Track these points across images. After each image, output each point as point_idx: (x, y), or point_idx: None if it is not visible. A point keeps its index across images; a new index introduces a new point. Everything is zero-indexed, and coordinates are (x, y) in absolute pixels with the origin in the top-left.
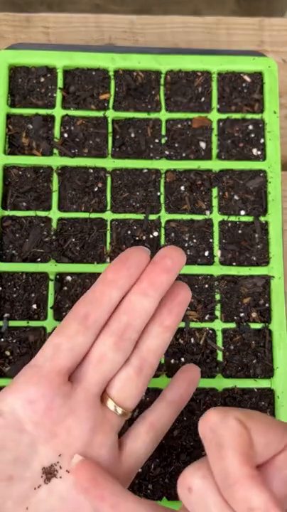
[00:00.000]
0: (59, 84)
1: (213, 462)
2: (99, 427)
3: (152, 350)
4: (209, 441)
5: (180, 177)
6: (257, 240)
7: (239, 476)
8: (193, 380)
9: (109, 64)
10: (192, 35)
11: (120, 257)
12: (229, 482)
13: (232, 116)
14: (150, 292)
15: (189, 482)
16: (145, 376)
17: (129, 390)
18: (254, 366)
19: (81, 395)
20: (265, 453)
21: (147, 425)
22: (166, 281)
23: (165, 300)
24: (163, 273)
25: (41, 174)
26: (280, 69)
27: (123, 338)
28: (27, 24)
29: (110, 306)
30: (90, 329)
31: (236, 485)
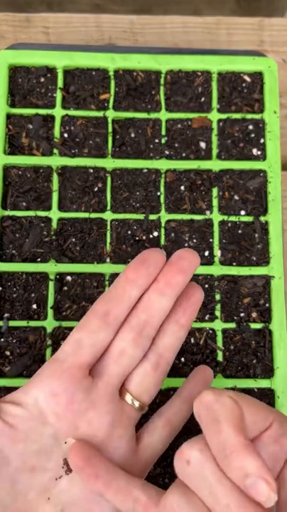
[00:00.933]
0: (59, 84)
1: (210, 436)
2: (118, 420)
3: (168, 347)
4: (205, 417)
5: (180, 177)
6: (257, 240)
7: (235, 445)
8: (207, 380)
9: (109, 64)
10: (192, 35)
11: (139, 258)
12: (226, 452)
13: (232, 116)
14: (167, 291)
15: (187, 455)
16: (162, 372)
17: (147, 385)
18: (254, 366)
19: (101, 389)
20: (253, 429)
21: (164, 420)
22: (182, 282)
23: (181, 300)
24: (179, 273)
25: (41, 174)
26: (280, 69)
27: (141, 335)
28: (27, 24)
29: (129, 304)
30: (111, 325)
31: (233, 454)
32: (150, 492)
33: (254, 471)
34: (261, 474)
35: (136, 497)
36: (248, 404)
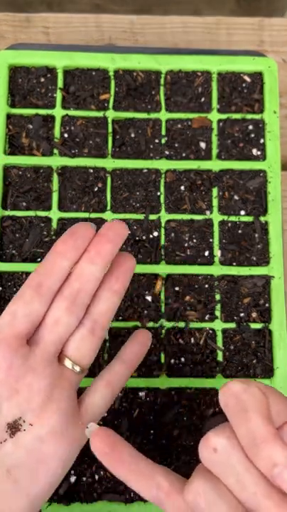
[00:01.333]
0: (59, 84)
1: (238, 425)
2: (58, 383)
3: (102, 312)
4: (233, 407)
5: (180, 177)
6: (257, 240)
7: (264, 435)
8: (144, 342)
9: (109, 64)
10: (192, 35)
11: (67, 232)
12: (256, 441)
13: (232, 117)
14: (97, 260)
15: (214, 443)
16: (98, 336)
17: (84, 349)
18: (254, 366)
19: (38, 355)
20: (277, 420)
21: (104, 381)
22: (111, 251)
23: (112, 269)
24: (107, 243)
25: (41, 174)
26: (280, 69)
27: (75, 303)
28: (27, 24)
29: (61, 275)
30: (44, 296)
31: (262, 443)
32: (172, 478)
33: (282, 460)
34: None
35: (158, 483)
36: (273, 395)
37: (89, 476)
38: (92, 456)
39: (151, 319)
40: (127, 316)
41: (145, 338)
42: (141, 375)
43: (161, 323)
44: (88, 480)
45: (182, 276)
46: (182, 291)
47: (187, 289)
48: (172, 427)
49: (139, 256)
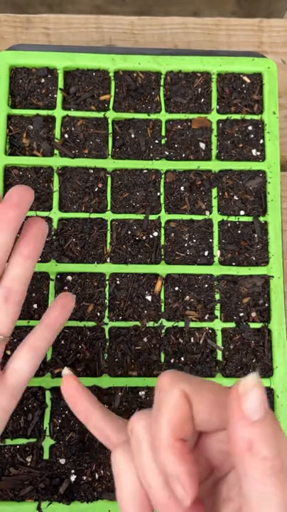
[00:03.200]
0: (59, 85)
1: (153, 418)
2: None
3: (16, 278)
4: (156, 399)
5: (180, 177)
6: (256, 240)
7: (162, 442)
8: (66, 305)
9: (109, 65)
10: (191, 36)
11: None
12: (155, 443)
13: (232, 117)
14: (3, 227)
15: (132, 425)
16: (14, 302)
17: (1, 317)
18: (254, 365)
19: None
20: (207, 427)
21: (27, 346)
22: (16, 216)
23: (22, 234)
24: (11, 208)
25: (42, 174)
26: (280, 70)
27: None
28: (27, 25)
29: None
30: None
31: (158, 449)
32: (120, 435)
33: (173, 474)
34: (179, 479)
35: (107, 436)
36: (205, 402)
37: (89, 475)
38: (92, 455)
39: (151, 319)
40: (127, 315)
41: (67, 301)
42: (141, 375)
43: (161, 322)
44: (88, 479)
45: (182, 276)
46: (182, 291)
47: (187, 289)
48: None
49: (139, 256)
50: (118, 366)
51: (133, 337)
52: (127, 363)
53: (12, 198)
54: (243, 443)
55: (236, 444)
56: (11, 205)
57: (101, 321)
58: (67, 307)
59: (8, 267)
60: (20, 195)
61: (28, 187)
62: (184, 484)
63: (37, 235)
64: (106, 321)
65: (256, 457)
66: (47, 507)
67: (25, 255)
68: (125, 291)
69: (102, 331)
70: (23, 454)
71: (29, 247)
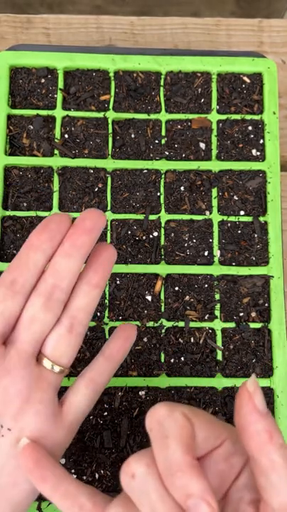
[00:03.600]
0: (59, 85)
1: (157, 451)
2: (36, 385)
3: (81, 308)
4: (156, 432)
5: (180, 177)
6: (256, 240)
7: (180, 464)
8: (128, 337)
9: (109, 65)
10: (191, 37)
11: (41, 223)
12: (172, 470)
13: (232, 117)
14: (73, 253)
15: (133, 469)
16: (77, 333)
17: (63, 348)
18: (254, 365)
19: (14, 356)
20: (204, 447)
21: (86, 380)
22: (87, 242)
23: (91, 261)
24: (83, 234)
25: (42, 175)
26: (280, 70)
27: (51, 299)
28: (28, 25)
29: (36, 270)
30: (18, 293)
31: (178, 472)
32: (96, 500)
33: (197, 493)
34: (204, 496)
35: (81, 504)
36: (201, 420)
37: (89, 474)
38: (92, 455)
39: (151, 319)
40: (127, 316)
41: (129, 333)
42: (141, 375)
43: (161, 322)
44: (88, 479)
45: (182, 276)
46: (181, 291)
47: (187, 289)
48: None
49: (139, 256)
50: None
51: None
52: (127, 363)
53: (85, 223)
54: (264, 434)
55: (257, 437)
56: (83, 231)
57: (101, 321)
58: (130, 339)
59: (74, 296)
60: (93, 221)
61: (101, 212)
62: (210, 501)
63: (106, 262)
64: (106, 321)
65: (275, 446)
66: (47, 507)
67: (93, 284)
68: (125, 291)
69: (102, 331)
70: None
71: (97, 276)
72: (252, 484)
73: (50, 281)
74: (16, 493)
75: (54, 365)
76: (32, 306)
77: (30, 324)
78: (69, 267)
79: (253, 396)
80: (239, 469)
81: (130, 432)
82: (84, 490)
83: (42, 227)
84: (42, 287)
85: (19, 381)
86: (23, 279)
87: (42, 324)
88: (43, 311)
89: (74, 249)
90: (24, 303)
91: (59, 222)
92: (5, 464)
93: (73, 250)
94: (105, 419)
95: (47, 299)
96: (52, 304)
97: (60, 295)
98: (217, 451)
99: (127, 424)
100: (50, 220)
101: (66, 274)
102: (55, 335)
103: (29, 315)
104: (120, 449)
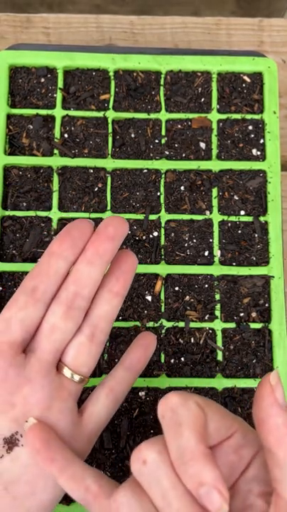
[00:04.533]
0: (59, 84)
1: (170, 439)
2: (56, 394)
3: (102, 316)
4: (169, 420)
5: (180, 177)
6: (257, 240)
7: (194, 452)
8: (149, 346)
9: (109, 64)
10: (192, 36)
11: (64, 230)
12: (185, 458)
13: (232, 117)
14: (95, 261)
15: (144, 455)
16: (98, 342)
17: (84, 357)
18: (254, 366)
19: (35, 364)
20: (215, 437)
21: (107, 389)
22: (110, 249)
23: (112, 268)
24: (106, 241)
25: (41, 174)
26: (280, 69)
27: (72, 307)
28: (27, 25)
29: (57, 278)
30: (39, 301)
31: (191, 461)
32: (103, 483)
33: (210, 481)
34: (216, 484)
35: (87, 486)
36: (213, 411)
37: None
38: (92, 455)
39: (151, 319)
40: (127, 316)
41: (149, 341)
42: (141, 375)
43: (161, 323)
44: None
45: (182, 276)
46: (182, 291)
47: (187, 289)
48: None
49: (139, 256)
50: None
51: (133, 337)
52: None
53: (107, 230)
54: (284, 428)
55: (277, 431)
56: (106, 238)
57: None
58: (150, 348)
59: (95, 304)
60: (116, 228)
61: (124, 219)
62: (221, 489)
63: (128, 270)
64: None
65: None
66: None
67: (115, 292)
68: None
69: None
70: None
71: (119, 284)
72: (262, 477)
73: (71, 289)
74: (34, 503)
75: (74, 374)
76: (53, 315)
77: (51, 333)
78: (91, 274)
79: (275, 389)
80: (248, 461)
81: (130, 432)
82: (90, 473)
83: (65, 234)
84: (64, 295)
85: (39, 390)
86: (44, 287)
87: (62, 333)
88: (64, 320)
89: (96, 256)
90: (45, 311)
91: (81, 229)
92: (23, 474)
93: (95, 258)
94: None
95: (69, 307)
96: (74, 313)
97: (81, 303)
98: (227, 442)
99: (127, 424)
100: (72, 227)
101: (88, 282)
102: (76, 343)
103: (50, 323)
104: (120, 449)
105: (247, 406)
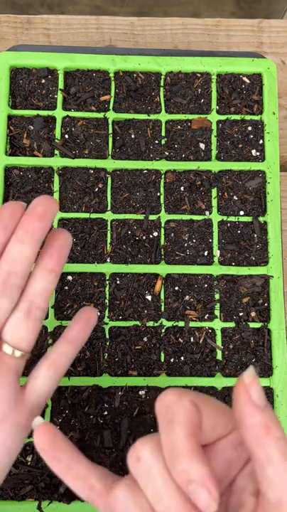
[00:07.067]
0: (60, 85)
1: (163, 436)
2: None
3: (38, 293)
4: (163, 417)
5: (180, 177)
6: (256, 240)
7: (182, 448)
8: (89, 319)
9: (109, 65)
10: (191, 37)
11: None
12: (174, 454)
13: (231, 118)
14: (26, 239)
15: (138, 452)
16: (36, 318)
17: (22, 333)
18: (253, 365)
19: None
20: (212, 434)
21: (48, 362)
22: (40, 227)
23: (45, 247)
24: (35, 220)
25: (42, 175)
26: (279, 70)
27: (7, 285)
28: (28, 26)
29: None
30: None
31: (179, 457)
32: (107, 481)
33: (198, 478)
34: (203, 482)
35: (92, 485)
36: (210, 408)
37: None
38: (92, 454)
39: (151, 319)
40: (127, 315)
41: (90, 315)
42: (141, 374)
43: (161, 322)
44: None
45: (182, 276)
46: (181, 290)
47: (187, 289)
48: None
49: (139, 256)
50: (119, 366)
51: (133, 337)
52: (127, 363)
53: (36, 209)
54: (261, 428)
55: (253, 431)
56: (35, 217)
57: (101, 321)
58: (91, 322)
59: (31, 281)
60: (45, 207)
61: (53, 198)
62: (210, 487)
63: (61, 247)
64: (106, 321)
65: (272, 439)
66: (48, 506)
67: (49, 269)
68: (125, 291)
69: (102, 330)
70: (23, 453)
71: (53, 260)
72: None
73: (5, 267)
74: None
75: (14, 350)
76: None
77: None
78: (22, 252)
79: (249, 388)
80: (247, 458)
81: (130, 431)
82: (95, 471)
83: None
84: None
85: None
86: None
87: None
88: (0, 298)
89: (26, 235)
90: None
91: (11, 211)
92: None
93: (25, 236)
94: (105, 418)
95: (3, 285)
96: (9, 290)
97: (16, 280)
98: (225, 438)
99: (127, 423)
100: (3, 209)
101: (20, 259)
102: (14, 320)
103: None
104: (120, 448)
105: None
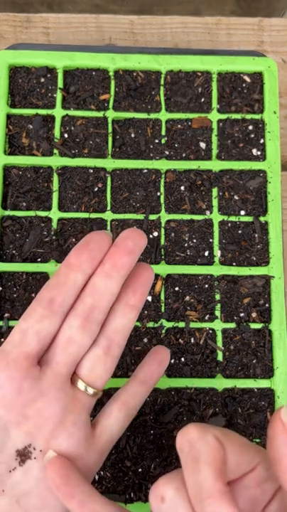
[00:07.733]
0: (59, 84)
1: (188, 475)
2: (70, 407)
3: (118, 329)
4: (187, 454)
5: (180, 177)
6: (257, 240)
7: (211, 490)
8: (162, 361)
9: (109, 64)
10: (192, 36)
11: (82, 241)
12: (202, 496)
13: (232, 117)
14: (113, 274)
15: (162, 492)
16: (113, 355)
17: (98, 370)
18: (254, 366)
19: (50, 377)
20: (236, 471)
21: (119, 403)
22: (128, 263)
23: (129, 281)
24: (125, 255)
25: (41, 174)
26: (280, 69)
27: (89, 320)
28: (27, 24)
29: (75, 290)
30: (56, 313)
31: (208, 499)
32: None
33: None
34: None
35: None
36: (234, 444)
37: None
38: None
39: (151, 319)
40: None
41: (163, 356)
42: None
43: (161, 323)
44: None
45: (182, 276)
46: (182, 291)
47: (187, 289)
48: (173, 427)
49: (139, 256)
50: (119, 367)
51: (134, 337)
52: (127, 364)
53: (126, 243)
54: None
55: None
56: (125, 251)
57: None
58: (163, 363)
59: (112, 316)
60: (135, 241)
61: (142, 232)
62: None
63: (145, 284)
64: None
65: None
66: None
67: (131, 305)
68: None
69: None
70: None
71: (135, 297)
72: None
73: (88, 301)
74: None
75: (88, 387)
76: (69, 327)
77: (67, 345)
78: (108, 287)
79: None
80: (272, 495)
81: (130, 433)
82: (110, 508)
83: (83, 246)
84: (80, 307)
85: (54, 403)
86: (61, 299)
87: (78, 345)
88: (80, 332)
89: (114, 269)
90: (61, 323)
91: (99, 241)
92: (35, 487)
93: (113, 271)
94: None
95: (85, 319)
96: (90, 325)
97: (98, 316)
98: (249, 475)
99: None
100: (90, 239)
101: (105, 294)
102: (91, 356)
103: (66, 336)
104: (120, 450)
105: (247, 406)
